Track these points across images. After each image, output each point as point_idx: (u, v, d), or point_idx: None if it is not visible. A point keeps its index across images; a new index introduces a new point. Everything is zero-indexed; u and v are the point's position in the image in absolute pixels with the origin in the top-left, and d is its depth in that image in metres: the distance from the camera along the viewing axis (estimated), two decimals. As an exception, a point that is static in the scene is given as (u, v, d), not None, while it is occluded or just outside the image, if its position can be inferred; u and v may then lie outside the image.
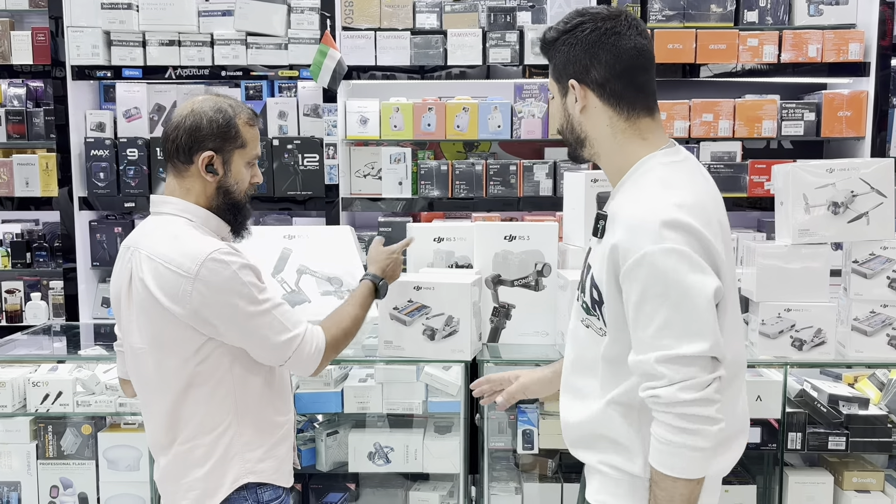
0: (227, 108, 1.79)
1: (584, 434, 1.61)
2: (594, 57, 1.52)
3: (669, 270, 1.40)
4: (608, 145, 1.57)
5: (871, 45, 3.41)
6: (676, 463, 1.43)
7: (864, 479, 2.39)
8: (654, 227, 1.41)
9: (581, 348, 1.63)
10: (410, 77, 3.55)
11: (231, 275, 1.69)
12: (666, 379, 1.41)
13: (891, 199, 2.26)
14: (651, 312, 1.42)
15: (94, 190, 3.60)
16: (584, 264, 1.65)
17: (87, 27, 3.52)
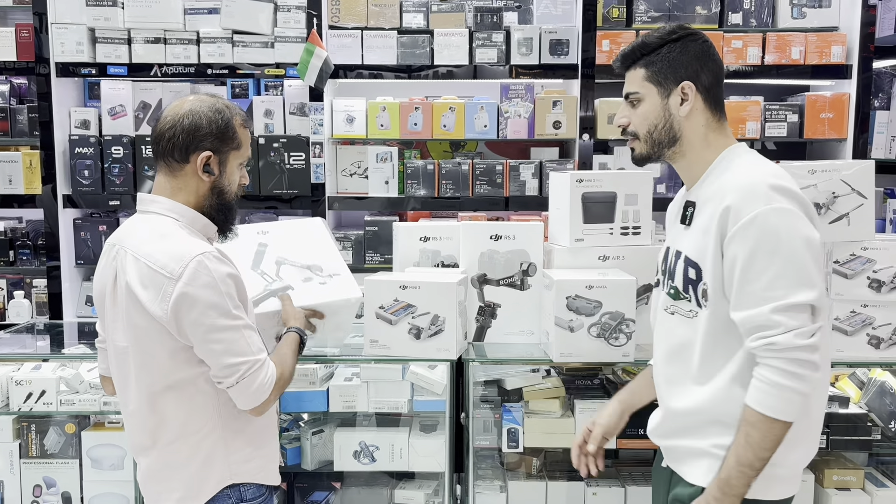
0: (224, 108, 1.80)
1: (697, 421, 1.72)
2: (704, 65, 1.73)
3: (781, 227, 1.58)
4: (699, 143, 1.76)
5: (853, 47, 3.45)
6: (779, 405, 1.57)
7: (845, 478, 2.42)
8: (764, 190, 1.60)
9: (672, 336, 1.78)
10: (397, 76, 3.55)
11: (210, 282, 1.67)
12: (782, 327, 1.56)
13: (871, 200, 2.28)
14: (763, 267, 1.58)
15: (79, 188, 3.58)
16: (667, 255, 1.83)
17: (71, 24, 3.49)
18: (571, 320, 2.28)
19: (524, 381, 2.53)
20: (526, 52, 3.53)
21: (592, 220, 2.44)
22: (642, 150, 1.80)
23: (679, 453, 1.79)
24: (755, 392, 1.60)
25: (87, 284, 3.72)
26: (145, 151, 3.56)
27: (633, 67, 1.79)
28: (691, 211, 1.76)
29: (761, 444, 1.59)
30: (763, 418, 1.58)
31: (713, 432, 1.70)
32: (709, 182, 1.75)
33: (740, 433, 1.62)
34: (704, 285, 1.68)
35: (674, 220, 1.88)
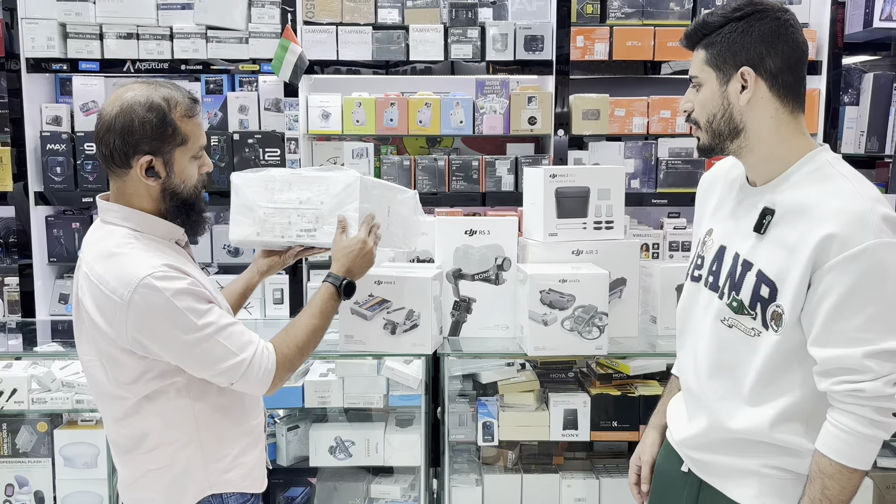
0: (160, 102, 1.62)
1: (745, 440, 1.60)
2: (772, 46, 1.53)
3: (889, 265, 1.42)
4: (769, 138, 1.56)
5: (822, 44, 3.49)
6: (862, 455, 1.46)
7: (814, 467, 2.46)
8: (876, 221, 1.43)
9: (725, 351, 1.62)
10: (374, 72, 3.55)
11: (164, 303, 1.57)
12: (872, 373, 1.43)
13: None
14: (861, 305, 1.43)
15: (51, 185, 3.54)
16: (722, 255, 1.65)
17: (42, 19, 3.45)
18: (545, 314, 2.30)
19: (499, 374, 2.54)
20: (501, 49, 3.53)
21: (566, 214, 2.46)
22: (704, 141, 1.63)
23: (721, 469, 1.67)
24: (833, 441, 1.47)
25: (60, 282, 3.69)
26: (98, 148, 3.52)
27: (697, 48, 1.61)
28: (769, 219, 1.55)
29: (839, 496, 1.47)
30: (842, 469, 1.46)
31: (762, 452, 1.59)
32: (790, 187, 1.55)
33: (814, 485, 1.50)
34: (778, 308, 1.52)
35: (728, 211, 1.69)
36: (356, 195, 2.01)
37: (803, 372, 1.54)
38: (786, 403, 1.55)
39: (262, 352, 1.68)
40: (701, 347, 1.68)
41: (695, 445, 1.71)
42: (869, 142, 3.60)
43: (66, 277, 3.69)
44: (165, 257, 1.64)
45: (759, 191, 1.61)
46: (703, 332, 1.67)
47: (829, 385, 1.48)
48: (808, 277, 1.48)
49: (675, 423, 1.81)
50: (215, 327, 1.62)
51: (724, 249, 1.66)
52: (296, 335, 1.77)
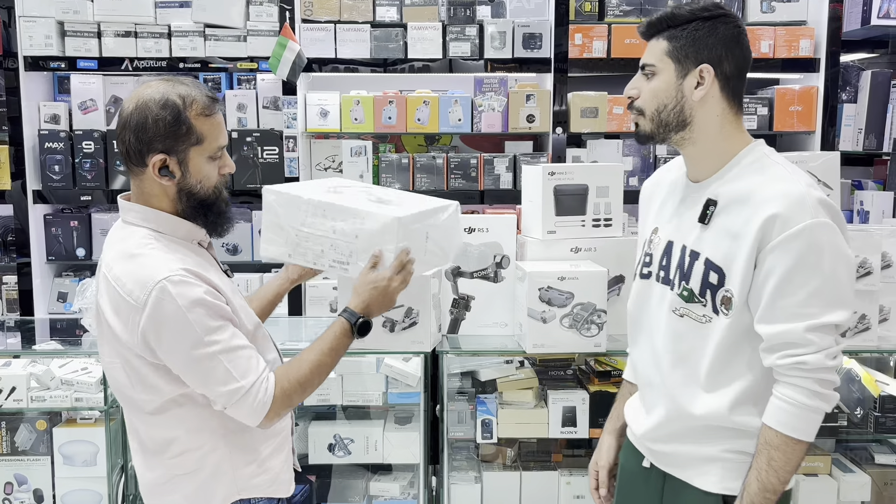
0: (175, 99, 1.57)
1: (705, 426, 1.65)
2: (730, 50, 1.60)
3: (826, 243, 1.50)
4: (713, 133, 1.63)
5: (820, 42, 3.50)
6: (805, 426, 1.53)
7: (812, 463, 2.47)
8: (813, 203, 1.51)
9: (681, 341, 1.67)
10: (372, 70, 3.55)
11: (175, 311, 1.52)
12: (814, 346, 1.50)
13: (836, 191, 2.33)
14: (802, 282, 1.50)
15: (49, 183, 3.54)
16: (670, 250, 1.71)
17: (39, 17, 3.45)
18: (544, 311, 2.30)
19: (498, 372, 2.55)
20: (499, 46, 3.54)
21: (564, 212, 2.46)
22: (646, 127, 1.68)
23: (684, 459, 1.70)
24: (779, 413, 1.54)
25: (59, 281, 3.69)
26: (116, 146, 3.52)
27: (657, 38, 1.65)
28: (712, 210, 1.63)
29: (785, 466, 1.54)
30: (787, 440, 1.53)
31: (722, 436, 1.64)
32: (731, 179, 1.63)
33: (761, 457, 1.55)
34: (727, 292, 1.59)
35: (672, 209, 1.76)
36: (394, 237, 1.89)
37: (753, 352, 1.60)
38: (741, 387, 1.61)
39: (261, 382, 1.60)
40: (658, 340, 1.72)
41: (656, 437, 1.75)
42: (867, 139, 3.61)
43: (64, 276, 3.69)
44: (185, 260, 1.59)
45: (700, 186, 1.68)
46: (660, 326, 1.72)
47: (774, 360, 1.55)
48: (753, 259, 1.55)
49: (633, 419, 1.85)
50: (222, 347, 1.56)
51: (672, 244, 1.72)
52: (300, 370, 1.68)
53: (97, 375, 2.43)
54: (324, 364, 1.71)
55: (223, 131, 1.66)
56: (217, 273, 1.71)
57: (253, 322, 1.73)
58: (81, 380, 2.41)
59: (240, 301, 1.73)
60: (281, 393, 1.62)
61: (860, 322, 2.37)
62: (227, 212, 1.71)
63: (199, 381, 1.58)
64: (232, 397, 1.57)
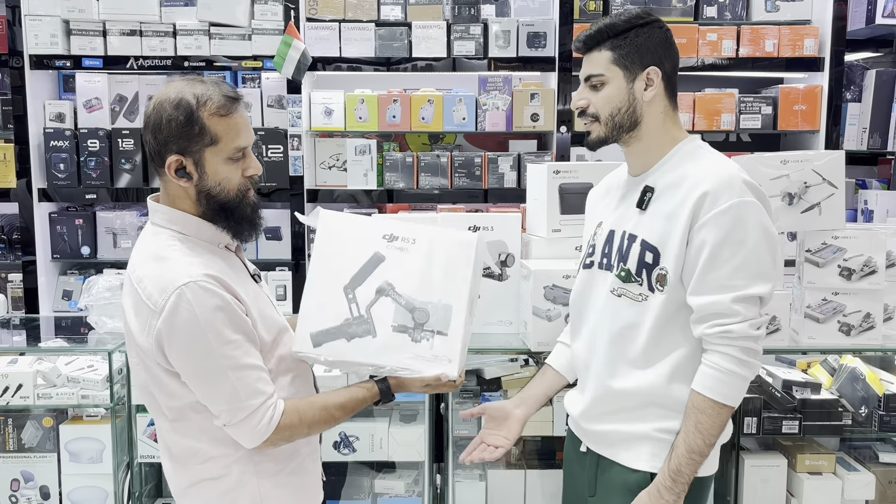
0: (188, 99, 1.54)
1: (636, 403, 1.74)
2: (667, 51, 1.75)
3: (750, 220, 1.62)
4: (656, 129, 1.76)
5: (825, 40, 3.49)
6: (730, 392, 1.63)
7: (817, 462, 2.47)
8: (739, 183, 1.64)
9: (618, 319, 1.75)
10: (376, 69, 3.55)
11: (190, 318, 1.49)
12: (740, 316, 1.61)
13: (841, 190, 2.33)
14: (729, 256, 1.62)
15: (54, 181, 3.55)
16: (611, 237, 1.81)
17: (45, 16, 3.45)
18: (549, 310, 2.30)
19: (503, 370, 2.55)
20: (504, 45, 3.54)
21: (569, 210, 2.47)
22: (601, 133, 1.78)
23: (615, 438, 1.77)
24: (706, 379, 1.64)
25: (64, 279, 3.69)
26: (122, 145, 3.54)
27: (598, 49, 1.75)
28: (649, 196, 1.75)
29: (710, 430, 1.64)
30: (713, 404, 1.63)
31: (654, 415, 1.72)
32: (668, 169, 1.74)
33: (689, 420, 1.66)
34: (662, 270, 1.69)
35: (616, 202, 1.86)
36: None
37: (686, 325, 1.70)
38: (677, 359, 1.70)
39: (267, 408, 1.57)
40: (599, 322, 1.81)
41: (589, 417, 1.83)
42: (871, 139, 3.61)
43: (69, 274, 3.70)
44: (210, 265, 1.56)
45: (640, 178, 1.80)
46: (601, 308, 1.81)
47: (703, 329, 1.65)
48: (686, 236, 1.66)
49: (571, 404, 1.92)
50: (233, 363, 1.53)
51: (613, 233, 1.82)
52: (314, 413, 1.64)
53: (103, 373, 2.44)
54: (338, 418, 1.70)
55: (243, 131, 1.60)
56: (243, 279, 1.67)
57: (275, 330, 1.68)
58: (87, 377, 2.42)
59: (263, 307, 1.67)
60: (287, 425, 1.60)
61: (865, 321, 2.37)
62: (252, 216, 1.65)
63: (205, 393, 1.55)
64: (234, 416, 1.54)
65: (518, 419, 1.97)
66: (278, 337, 1.69)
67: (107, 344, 2.46)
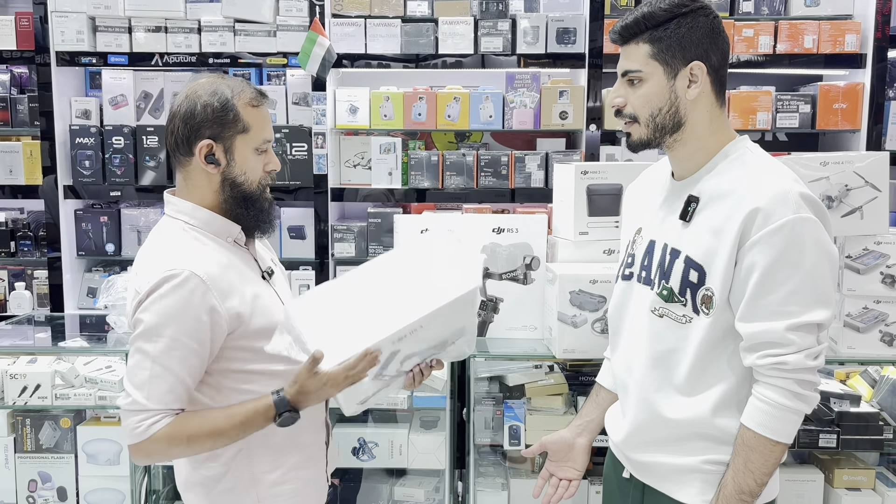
0: (224, 89, 1.62)
1: (683, 434, 1.60)
2: (714, 42, 1.56)
3: (807, 239, 1.46)
4: (703, 131, 1.60)
5: (867, 36, 3.36)
6: (784, 428, 1.49)
7: (856, 478, 2.37)
8: (795, 197, 1.47)
9: (660, 342, 1.62)
10: (404, 66, 3.49)
11: (157, 300, 1.53)
12: (795, 346, 1.47)
13: (885, 193, 2.22)
14: (783, 279, 1.46)
15: (80, 178, 3.55)
16: (652, 249, 1.66)
17: (71, 12, 3.45)
18: (574, 315, 2.23)
19: (527, 377, 2.48)
20: (532, 41, 3.46)
21: (597, 212, 2.39)
22: (642, 135, 1.62)
23: (662, 470, 1.65)
24: (757, 414, 1.50)
25: (89, 276, 3.69)
26: (146, 142, 3.52)
27: (636, 42, 1.58)
28: (694, 206, 1.59)
29: (762, 468, 1.50)
30: (765, 441, 1.49)
31: (702, 448, 1.59)
32: (713, 176, 1.58)
33: (738, 458, 1.52)
34: (707, 291, 1.54)
35: (656, 208, 1.70)
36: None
37: (735, 353, 1.55)
38: (723, 389, 1.56)
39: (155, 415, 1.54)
40: (638, 342, 1.67)
41: (633, 445, 1.70)
42: (915, 139, 3.46)
43: (94, 271, 3.70)
44: (209, 260, 1.59)
45: (684, 183, 1.64)
46: (641, 327, 1.66)
47: (754, 359, 1.51)
48: (734, 255, 1.51)
49: (612, 426, 1.80)
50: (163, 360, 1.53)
51: (654, 243, 1.67)
52: (198, 426, 1.56)
53: (120, 374, 2.41)
54: (226, 435, 1.57)
55: (269, 126, 1.69)
56: (249, 276, 1.68)
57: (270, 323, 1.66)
58: (105, 378, 2.40)
59: (264, 305, 1.67)
60: (164, 437, 1.54)
61: (908, 330, 2.26)
62: (269, 210, 1.70)
63: (128, 368, 1.58)
64: (127, 403, 1.55)
65: (583, 448, 1.88)
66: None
67: (125, 344, 2.43)
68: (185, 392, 1.58)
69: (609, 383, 1.88)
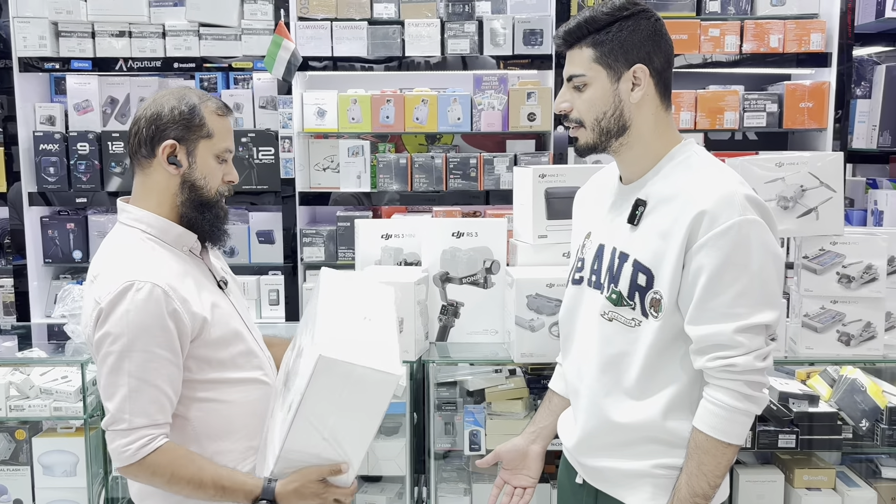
0: (192, 96, 1.68)
1: (634, 438, 1.60)
2: (657, 45, 1.57)
3: (754, 241, 1.46)
4: (648, 134, 1.60)
5: (832, 35, 3.37)
6: (735, 429, 1.50)
7: (816, 477, 2.36)
8: (741, 200, 1.47)
9: (609, 346, 1.61)
10: (370, 68, 3.47)
11: (124, 314, 1.53)
12: (743, 348, 1.47)
13: (840, 193, 2.22)
14: (731, 281, 1.46)
15: (45, 185, 3.52)
16: (601, 253, 1.66)
17: (33, 18, 3.42)
18: (532, 319, 2.22)
19: (486, 381, 2.47)
20: (499, 43, 3.45)
21: (556, 216, 2.38)
22: (589, 139, 1.61)
23: (614, 475, 1.64)
24: (708, 416, 1.51)
25: (56, 283, 3.66)
26: (112, 147, 3.49)
27: (579, 46, 1.58)
28: (641, 210, 1.58)
29: (714, 471, 1.51)
30: (717, 444, 1.50)
31: (653, 451, 1.59)
32: (660, 179, 1.58)
33: (691, 461, 1.53)
34: (656, 294, 1.54)
35: (605, 212, 1.71)
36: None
37: (685, 356, 1.55)
38: (674, 392, 1.56)
39: (145, 435, 1.55)
40: (588, 347, 1.66)
41: (585, 451, 1.69)
42: (881, 136, 3.47)
43: (61, 279, 3.67)
44: (165, 270, 1.61)
45: (631, 187, 1.64)
46: (591, 332, 1.66)
47: (703, 362, 1.51)
48: (682, 258, 1.51)
49: (564, 431, 1.79)
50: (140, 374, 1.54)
51: (603, 247, 1.67)
52: (184, 469, 1.57)
53: (76, 384, 2.38)
54: (204, 488, 1.58)
55: (231, 138, 1.74)
56: (205, 284, 1.71)
57: (228, 332, 1.69)
58: (61, 389, 2.37)
59: (221, 315, 1.69)
60: (153, 463, 1.55)
61: (865, 330, 2.26)
62: (223, 220, 1.74)
63: (104, 388, 1.57)
64: (113, 423, 1.56)
65: (537, 455, 1.87)
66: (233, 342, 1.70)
67: (82, 354, 2.41)
68: (169, 403, 1.59)
69: (561, 389, 1.87)
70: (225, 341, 1.69)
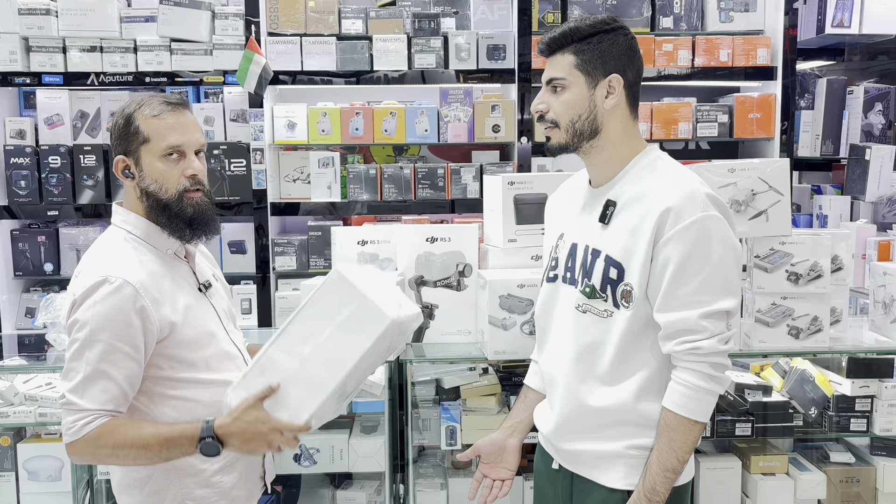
0: (130, 106, 1.73)
1: (607, 422, 1.72)
2: (631, 60, 1.73)
3: (715, 234, 1.62)
4: (617, 139, 1.75)
5: (777, 50, 3.58)
6: (700, 408, 1.64)
7: (771, 463, 2.52)
8: (702, 198, 1.64)
9: (584, 335, 1.74)
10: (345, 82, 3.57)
11: (90, 307, 1.61)
12: (708, 332, 1.62)
13: (787, 197, 2.38)
14: (695, 272, 1.61)
15: (16, 198, 3.53)
16: (574, 251, 1.79)
17: (4, 33, 3.44)
18: (504, 319, 2.34)
19: (461, 379, 2.58)
20: (464, 58, 3.58)
21: (525, 221, 2.50)
22: (561, 139, 1.75)
23: (588, 457, 1.77)
24: (676, 396, 1.64)
25: (27, 296, 3.67)
26: (84, 160, 3.53)
27: (562, 52, 1.73)
28: (612, 210, 1.73)
29: (683, 447, 1.64)
30: (685, 421, 1.63)
31: (625, 433, 1.71)
32: (628, 181, 1.73)
33: (662, 439, 1.66)
34: (626, 286, 1.68)
35: (576, 214, 1.84)
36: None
37: (655, 342, 1.70)
38: (645, 376, 1.70)
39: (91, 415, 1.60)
40: (564, 338, 1.80)
41: (561, 435, 1.81)
42: (824, 145, 3.69)
43: (31, 291, 3.68)
44: (142, 270, 1.67)
45: (601, 190, 1.79)
46: (567, 324, 1.80)
47: (671, 346, 1.65)
48: (650, 252, 1.65)
49: (541, 419, 1.91)
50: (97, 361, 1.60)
51: (576, 246, 1.81)
52: (126, 435, 1.61)
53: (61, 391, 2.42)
54: (150, 448, 1.61)
55: (175, 132, 1.71)
56: (183, 288, 1.76)
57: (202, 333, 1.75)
58: (45, 395, 2.41)
59: (195, 317, 1.75)
60: (92, 439, 1.60)
61: (812, 324, 2.42)
62: (193, 217, 1.73)
63: (64, 368, 1.64)
64: (63, 402, 1.63)
65: (514, 448, 1.97)
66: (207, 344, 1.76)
67: (65, 361, 2.45)
68: (121, 394, 1.64)
69: (536, 384, 2.00)
70: (197, 343, 1.74)
